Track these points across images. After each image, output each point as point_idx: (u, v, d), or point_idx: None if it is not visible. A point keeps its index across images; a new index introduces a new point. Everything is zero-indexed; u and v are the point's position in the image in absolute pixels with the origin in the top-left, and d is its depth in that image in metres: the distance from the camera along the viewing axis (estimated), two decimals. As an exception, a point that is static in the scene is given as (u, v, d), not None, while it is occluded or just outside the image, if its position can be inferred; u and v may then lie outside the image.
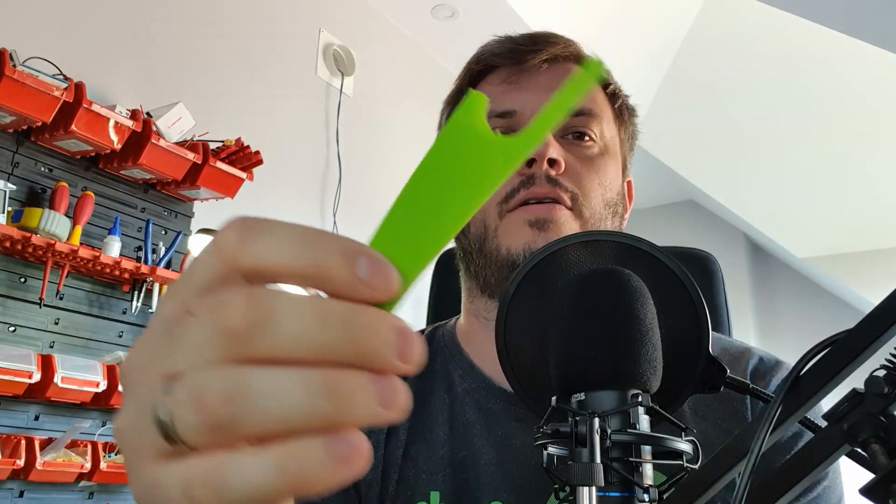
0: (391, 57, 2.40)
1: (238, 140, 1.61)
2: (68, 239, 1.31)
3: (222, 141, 1.58)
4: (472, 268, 0.55)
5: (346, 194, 2.10)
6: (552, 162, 0.51)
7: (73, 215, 1.34)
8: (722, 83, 2.81)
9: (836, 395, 0.27)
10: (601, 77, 0.18)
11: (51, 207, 1.31)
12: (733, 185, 3.31)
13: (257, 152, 1.61)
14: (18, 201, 1.33)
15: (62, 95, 1.27)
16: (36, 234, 1.25)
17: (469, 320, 0.57)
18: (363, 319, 0.17)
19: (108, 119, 1.34)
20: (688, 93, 2.85)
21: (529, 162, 0.52)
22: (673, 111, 2.82)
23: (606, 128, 0.56)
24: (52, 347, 1.36)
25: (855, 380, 0.28)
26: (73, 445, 1.31)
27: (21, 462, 1.21)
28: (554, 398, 0.30)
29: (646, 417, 0.29)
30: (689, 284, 0.34)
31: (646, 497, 0.27)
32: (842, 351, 0.27)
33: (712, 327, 0.34)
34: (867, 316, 0.27)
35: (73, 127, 1.29)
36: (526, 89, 0.55)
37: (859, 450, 0.26)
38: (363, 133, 2.23)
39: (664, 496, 0.28)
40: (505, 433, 0.50)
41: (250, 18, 1.93)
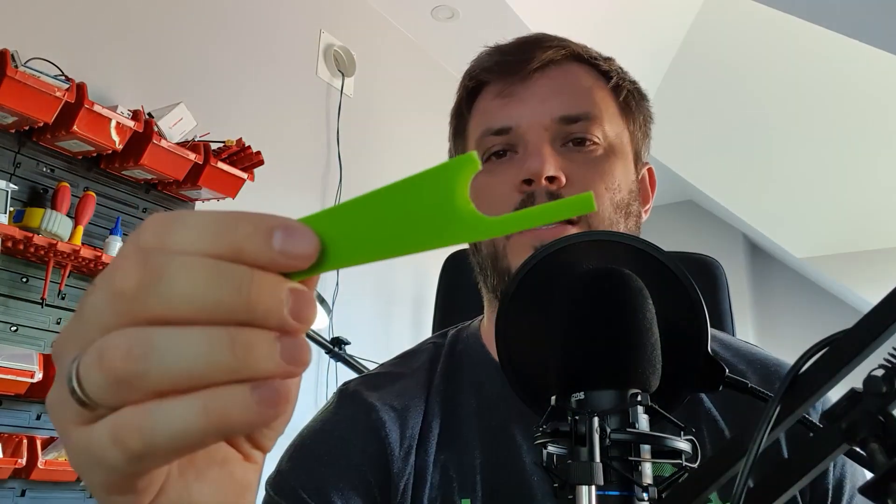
0: (392, 58, 2.40)
1: (239, 140, 1.61)
2: (70, 239, 1.32)
3: (223, 141, 1.58)
4: (489, 282, 0.56)
5: (347, 194, 2.10)
6: (551, 178, 0.50)
7: (75, 215, 1.35)
8: (721, 84, 2.81)
9: (835, 395, 0.27)
10: (589, 209, 0.18)
11: (53, 208, 1.32)
12: (732, 186, 3.31)
13: (258, 153, 1.62)
14: (20, 201, 1.33)
15: (64, 96, 1.27)
16: (38, 235, 1.26)
17: (490, 329, 0.57)
18: (256, 279, 0.17)
19: (110, 119, 1.35)
20: (687, 93, 2.85)
21: (528, 180, 0.50)
22: (672, 111, 2.82)
23: (609, 127, 0.54)
24: (54, 347, 1.36)
25: (854, 379, 0.29)
26: (75, 445, 1.32)
27: (23, 461, 1.21)
28: (554, 397, 0.30)
29: (645, 416, 0.29)
30: (689, 284, 0.34)
31: (645, 496, 0.28)
32: (840, 350, 0.27)
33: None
34: (866, 315, 0.27)
35: (75, 127, 1.30)
36: (520, 101, 0.54)
37: (858, 449, 0.26)
38: (364, 134, 2.23)
39: (663, 495, 0.28)
40: None
41: (251, 19, 1.93)
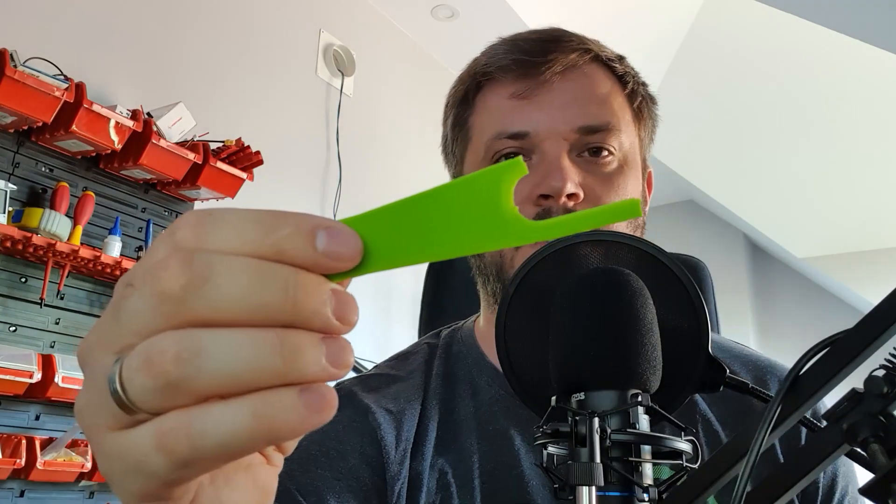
0: (391, 57, 2.40)
1: (238, 140, 1.61)
2: (69, 239, 1.31)
3: (223, 141, 1.58)
4: (489, 288, 0.55)
5: (347, 194, 2.10)
6: (570, 195, 0.50)
7: (74, 215, 1.35)
8: (722, 83, 2.81)
9: (836, 395, 0.27)
10: (635, 216, 0.18)
11: (51, 207, 1.31)
12: (733, 186, 3.32)
13: (258, 152, 1.62)
14: (19, 201, 1.33)
15: (63, 96, 1.27)
16: (37, 234, 1.25)
17: (488, 332, 0.57)
18: (300, 280, 0.17)
19: (109, 119, 1.34)
20: (688, 93, 2.85)
21: (546, 196, 0.50)
22: (673, 110, 2.82)
23: (625, 136, 0.54)
24: (53, 347, 1.36)
25: (854, 379, 0.28)
26: (74, 445, 1.31)
27: (22, 462, 1.21)
28: (554, 398, 0.30)
29: (645, 417, 0.29)
30: (689, 284, 0.34)
31: (645, 497, 0.28)
32: (841, 351, 0.27)
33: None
34: (866, 316, 0.27)
35: (74, 127, 1.30)
36: (539, 107, 0.52)
37: (859, 449, 0.26)
38: (363, 133, 2.23)
39: (664, 496, 0.28)
40: None
41: (250, 19, 1.93)
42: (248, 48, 1.90)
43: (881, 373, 0.26)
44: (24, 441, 1.24)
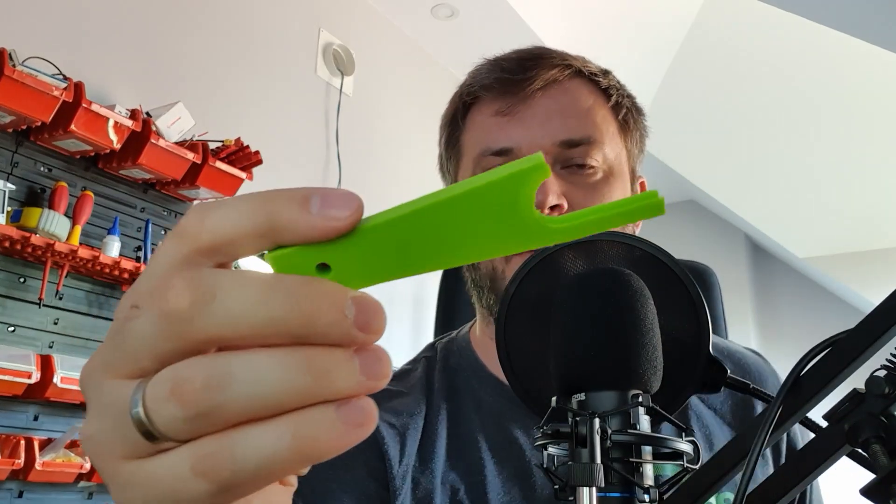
0: (391, 57, 2.40)
1: (237, 140, 1.61)
2: (68, 239, 1.31)
3: (222, 141, 1.58)
4: (484, 301, 0.55)
5: (346, 194, 2.10)
6: (554, 207, 0.50)
7: (73, 215, 1.34)
8: (722, 83, 2.81)
9: (837, 396, 0.27)
10: (659, 213, 0.17)
11: (50, 207, 1.31)
12: (734, 186, 3.32)
13: (257, 152, 1.61)
14: (18, 201, 1.33)
15: (61, 95, 1.27)
16: (35, 234, 1.25)
17: (486, 342, 0.57)
18: (311, 289, 0.16)
19: (108, 119, 1.34)
20: (688, 93, 2.85)
21: None
22: (673, 111, 2.82)
23: (610, 149, 0.54)
24: (52, 347, 1.35)
25: (856, 380, 0.28)
26: (73, 446, 1.31)
27: (20, 462, 1.21)
28: (554, 398, 0.30)
29: (646, 418, 0.29)
30: (690, 285, 0.33)
31: (646, 497, 0.27)
32: (842, 351, 0.27)
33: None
34: (868, 316, 0.27)
35: (73, 127, 1.29)
36: (520, 122, 0.53)
37: (860, 450, 0.26)
38: (363, 133, 2.23)
39: (664, 497, 0.28)
40: None
41: (250, 18, 1.92)
42: (248, 48, 1.90)
43: (882, 373, 0.26)
44: (23, 441, 1.24)
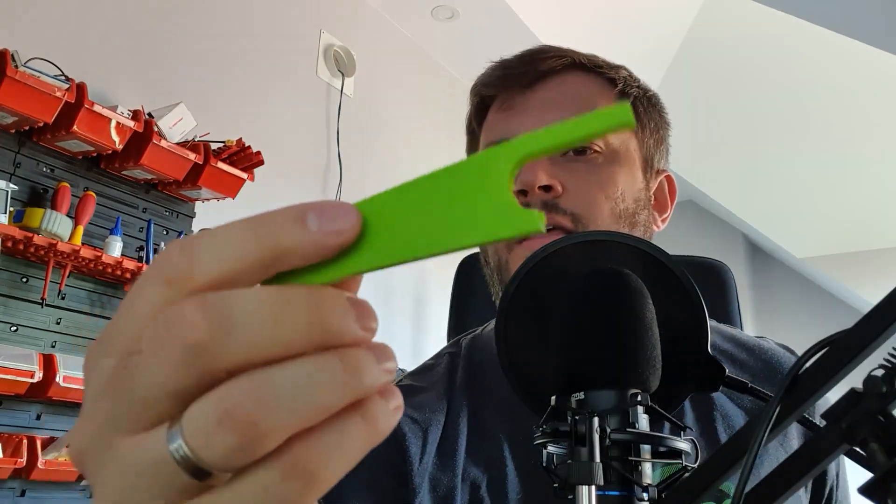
0: (392, 58, 2.40)
1: (239, 140, 1.61)
2: (70, 239, 1.32)
3: (223, 141, 1.58)
4: (495, 293, 0.56)
5: (347, 195, 2.10)
6: (547, 188, 0.50)
7: (75, 215, 1.35)
8: (721, 83, 2.81)
9: (835, 395, 0.27)
10: (627, 124, 0.16)
11: (53, 208, 1.32)
12: (733, 186, 3.32)
13: (258, 153, 1.62)
14: (20, 201, 1.33)
15: (64, 96, 1.27)
16: (38, 234, 1.26)
17: None
18: (320, 297, 0.16)
19: (110, 119, 1.35)
20: (687, 93, 2.85)
21: (523, 191, 0.50)
22: (672, 111, 2.81)
23: (612, 135, 0.53)
24: (54, 347, 1.36)
25: (853, 379, 0.28)
26: (75, 445, 1.31)
27: (23, 461, 1.21)
28: (553, 397, 0.30)
29: (645, 416, 0.29)
30: (688, 284, 0.34)
31: (645, 496, 0.28)
32: (840, 350, 0.27)
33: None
34: (866, 315, 0.27)
35: (75, 127, 1.30)
36: (518, 113, 0.54)
37: (858, 449, 0.26)
38: (364, 134, 2.23)
39: (663, 495, 0.28)
40: None
41: (251, 19, 1.93)
42: (249, 49, 1.90)
43: (880, 372, 0.26)
44: (25, 440, 1.24)
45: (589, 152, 0.53)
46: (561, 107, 0.53)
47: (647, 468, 0.28)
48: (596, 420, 0.27)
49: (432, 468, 0.49)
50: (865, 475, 0.25)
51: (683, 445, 0.28)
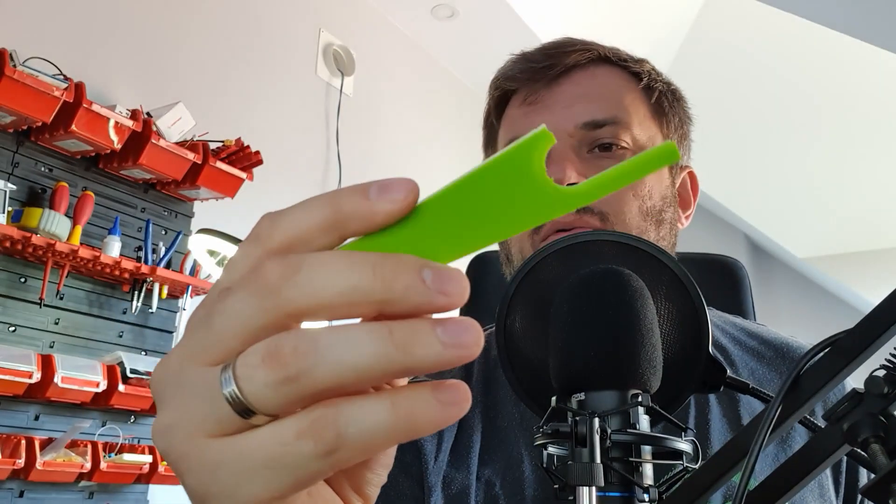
0: (391, 57, 2.40)
1: (238, 140, 1.61)
2: (68, 239, 1.31)
3: (222, 141, 1.58)
4: None
5: (346, 194, 2.10)
6: (574, 185, 0.49)
7: (74, 215, 1.34)
8: (722, 83, 2.81)
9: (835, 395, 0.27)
10: (673, 161, 0.18)
11: (51, 207, 1.31)
12: (734, 186, 3.32)
13: (257, 152, 1.61)
14: (18, 201, 1.33)
15: (62, 95, 1.27)
16: (36, 234, 1.25)
17: None
18: (389, 258, 0.18)
19: (108, 119, 1.34)
20: (688, 92, 2.84)
21: None
22: (673, 111, 2.81)
23: (639, 131, 0.53)
24: (53, 347, 1.36)
25: (855, 380, 0.28)
26: (73, 445, 1.31)
27: (21, 462, 1.21)
28: (554, 398, 0.30)
29: (646, 417, 0.29)
30: (689, 284, 0.33)
31: (646, 497, 0.27)
32: (842, 351, 0.27)
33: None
34: (867, 316, 0.27)
35: (74, 127, 1.29)
36: (544, 108, 0.53)
37: (859, 450, 0.26)
38: (363, 133, 2.23)
39: (664, 496, 0.28)
40: None
41: (250, 18, 1.93)
42: (248, 48, 1.90)
43: (882, 373, 0.26)
44: (24, 441, 1.24)
45: (616, 149, 0.52)
46: (588, 101, 0.52)
47: (648, 469, 0.28)
48: (596, 421, 0.27)
49: (448, 466, 0.48)
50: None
51: (684, 446, 0.28)
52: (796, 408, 0.28)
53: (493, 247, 0.61)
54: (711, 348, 0.33)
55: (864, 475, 0.51)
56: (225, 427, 0.18)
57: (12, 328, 1.31)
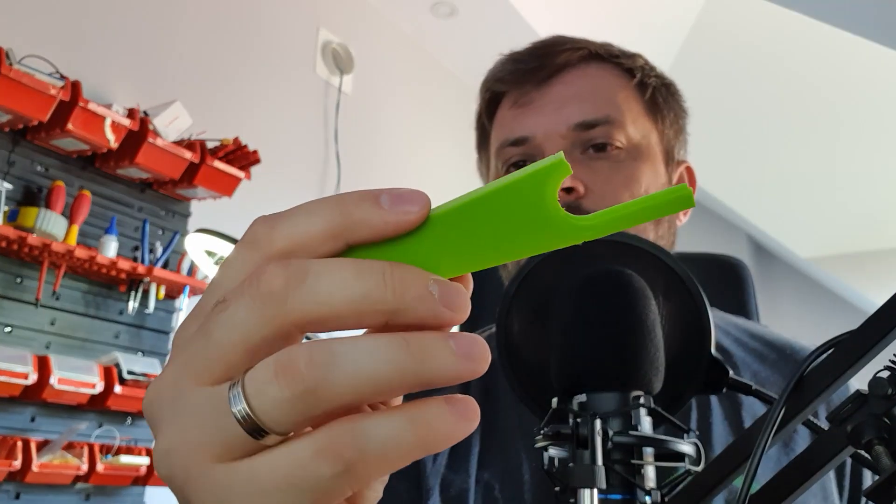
0: (390, 55, 2.40)
1: (236, 139, 1.60)
2: (65, 239, 1.31)
3: (220, 140, 1.58)
4: None
5: (345, 194, 2.09)
6: (569, 190, 0.48)
7: (70, 215, 1.34)
8: (725, 82, 2.81)
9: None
10: (689, 207, 0.17)
11: (47, 207, 1.31)
12: (736, 185, 3.32)
13: (255, 151, 1.61)
14: (14, 201, 1.32)
15: (58, 94, 1.26)
16: (32, 234, 1.25)
17: None
18: (396, 268, 0.17)
19: (105, 118, 1.34)
20: (690, 91, 2.84)
21: None
22: (671, 111, 2.81)
23: (633, 129, 0.52)
24: (49, 348, 1.35)
25: (859, 381, 0.28)
26: (70, 447, 1.31)
27: (17, 464, 1.20)
28: (555, 399, 0.30)
29: (647, 419, 0.28)
30: (692, 284, 0.33)
31: (647, 499, 0.27)
32: (845, 352, 0.27)
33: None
34: (871, 317, 0.26)
35: (70, 126, 1.29)
36: (536, 110, 0.52)
37: (863, 452, 0.26)
38: (362, 132, 2.22)
39: (666, 499, 0.28)
40: None
41: (248, 16, 1.92)
42: (246, 46, 1.89)
43: (885, 374, 0.26)
44: (20, 443, 1.23)
45: (611, 148, 0.51)
46: (580, 101, 0.52)
47: (650, 471, 0.28)
48: (598, 422, 0.27)
49: (444, 469, 0.48)
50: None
51: (687, 448, 0.28)
52: (800, 409, 0.28)
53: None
54: (713, 349, 0.33)
55: (869, 478, 0.51)
56: (234, 450, 0.17)
57: (8, 329, 1.30)
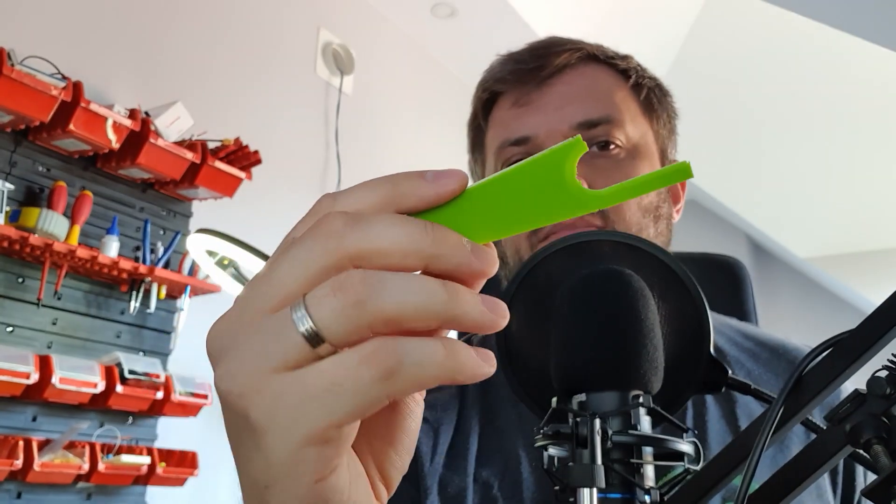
0: (391, 55, 2.40)
1: (237, 139, 1.60)
2: (66, 239, 1.31)
3: (221, 140, 1.58)
4: None
5: (346, 194, 2.10)
6: None
7: (72, 215, 1.34)
8: (724, 83, 2.81)
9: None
10: (688, 178, 0.20)
11: (49, 207, 1.31)
12: (735, 185, 3.32)
13: (256, 152, 1.61)
14: (16, 201, 1.32)
15: (60, 95, 1.26)
16: (34, 234, 1.25)
17: None
18: (437, 224, 0.21)
19: (106, 118, 1.34)
20: (689, 92, 2.84)
21: None
22: (672, 111, 2.81)
23: (632, 128, 0.53)
24: (50, 348, 1.35)
25: (857, 381, 0.28)
26: (71, 446, 1.31)
27: (19, 463, 1.21)
28: (555, 399, 0.30)
29: (647, 418, 0.29)
30: (691, 284, 0.33)
31: (647, 498, 0.27)
32: (844, 352, 0.27)
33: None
34: (869, 316, 0.26)
35: (71, 126, 1.29)
36: (536, 109, 0.53)
37: (862, 451, 0.26)
38: (363, 132, 2.23)
39: (665, 498, 0.28)
40: None
41: (249, 17, 1.92)
42: (247, 47, 1.90)
43: (884, 374, 0.26)
44: (21, 442, 1.23)
45: (611, 147, 0.52)
46: (578, 101, 0.52)
47: (650, 470, 0.28)
48: (597, 422, 0.27)
49: (443, 468, 0.48)
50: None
51: (686, 447, 0.28)
52: (798, 409, 0.28)
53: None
54: (712, 349, 0.33)
55: (861, 473, 0.51)
56: (290, 360, 0.19)
57: (10, 328, 1.30)
